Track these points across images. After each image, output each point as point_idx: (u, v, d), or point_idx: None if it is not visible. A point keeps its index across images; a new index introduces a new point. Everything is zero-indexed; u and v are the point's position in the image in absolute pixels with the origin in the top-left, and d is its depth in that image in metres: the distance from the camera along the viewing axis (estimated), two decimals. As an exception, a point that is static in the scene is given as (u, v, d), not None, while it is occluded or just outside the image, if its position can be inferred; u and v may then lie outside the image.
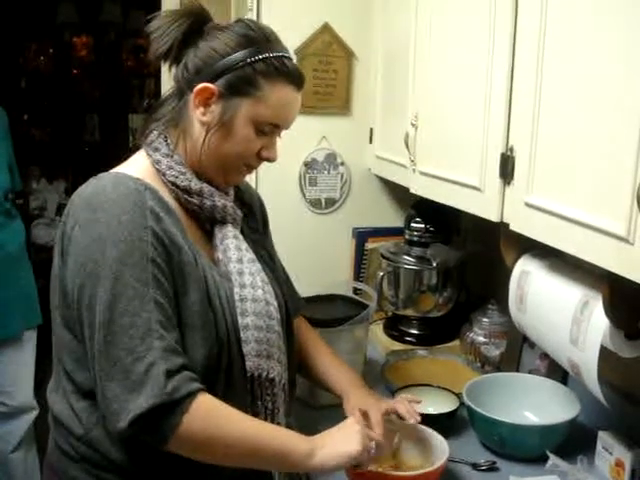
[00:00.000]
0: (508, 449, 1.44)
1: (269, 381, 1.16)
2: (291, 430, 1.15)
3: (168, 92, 1.21)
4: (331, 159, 2.17)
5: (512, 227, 1.31)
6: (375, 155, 2.12)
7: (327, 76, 2.11)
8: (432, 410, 1.48)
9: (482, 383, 1.59)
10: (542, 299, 1.40)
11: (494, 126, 1.34)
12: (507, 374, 1.68)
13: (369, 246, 2.21)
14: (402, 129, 1.80)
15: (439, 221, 2.00)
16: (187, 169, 1.16)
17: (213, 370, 1.09)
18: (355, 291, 1.95)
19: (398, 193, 2.19)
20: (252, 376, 1.14)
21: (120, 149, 5.22)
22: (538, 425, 1.49)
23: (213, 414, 1.03)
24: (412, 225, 2.01)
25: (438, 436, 1.34)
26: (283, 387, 1.20)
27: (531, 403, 1.55)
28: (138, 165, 1.17)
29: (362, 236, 2.22)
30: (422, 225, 1.99)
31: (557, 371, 1.61)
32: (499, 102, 1.32)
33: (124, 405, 0.97)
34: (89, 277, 1.02)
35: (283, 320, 1.24)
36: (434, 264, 1.94)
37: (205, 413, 1.01)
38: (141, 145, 1.19)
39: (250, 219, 1.34)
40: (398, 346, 1.99)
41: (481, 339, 1.84)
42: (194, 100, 1.13)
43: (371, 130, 2.15)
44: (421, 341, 2.00)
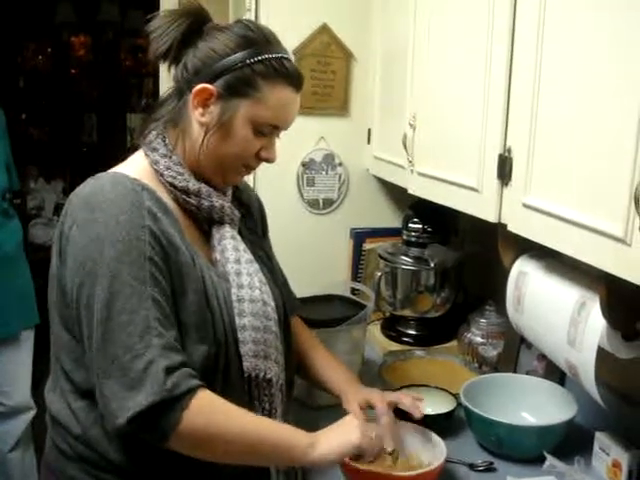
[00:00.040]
0: (505, 450, 1.44)
1: (266, 382, 1.16)
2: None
3: (167, 92, 1.21)
4: (329, 159, 2.17)
5: (510, 228, 1.32)
6: (373, 156, 2.12)
7: (325, 77, 2.10)
8: (430, 410, 1.48)
9: (479, 384, 1.59)
10: (539, 300, 1.40)
11: (492, 127, 1.35)
12: (504, 375, 1.68)
13: (367, 246, 2.21)
14: (400, 130, 1.80)
15: (437, 222, 2.00)
16: (185, 169, 1.16)
17: (210, 370, 1.09)
18: (353, 291, 1.95)
19: (396, 194, 2.19)
20: (249, 377, 1.14)
21: (118, 149, 5.24)
22: (535, 426, 1.49)
23: (213, 410, 1.03)
24: (410, 226, 2.01)
25: (435, 436, 1.34)
26: (280, 387, 1.20)
27: (528, 404, 1.55)
28: (136, 165, 1.17)
29: (360, 236, 2.22)
30: (420, 226, 1.99)
31: (554, 372, 1.61)
32: (497, 103, 1.32)
33: (123, 403, 0.97)
34: (87, 276, 1.02)
35: (281, 321, 1.24)
36: (432, 265, 1.94)
37: (205, 409, 1.01)
38: (140, 145, 1.19)
39: (248, 220, 1.34)
40: (396, 346, 1.99)
41: (479, 340, 1.84)
42: (193, 101, 1.13)
43: (369, 131, 2.15)
44: (419, 341, 2.00)
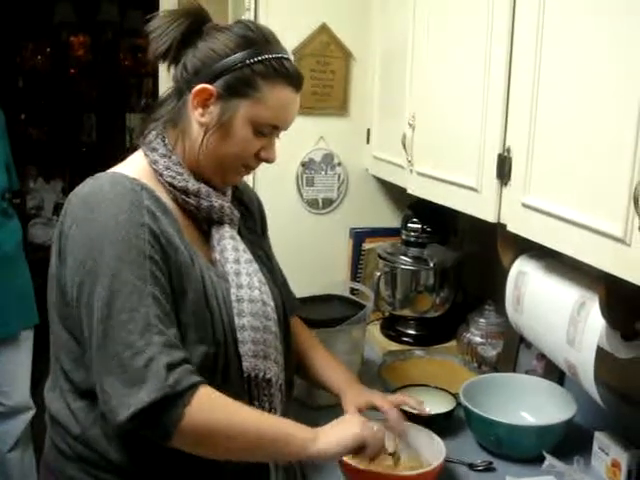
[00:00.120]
0: (505, 449, 1.44)
1: (266, 382, 1.16)
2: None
3: (167, 92, 1.21)
4: (328, 159, 2.17)
5: (509, 228, 1.32)
6: (372, 155, 2.12)
7: (325, 77, 2.10)
8: (429, 410, 1.48)
9: (479, 383, 1.59)
10: (539, 300, 1.40)
11: (491, 127, 1.35)
12: (504, 374, 1.68)
13: (366, 246, 2.21)
14: (399, 130, 1.80)
15: (436, 222, 2.00)
16: (184, 170, 1.16)
17: (210, 370, 1.09)
18: (352, 291, 1.95)
19: (395, 194, 2.19)
20: (249, 377, 1.14)
21: (117, 149, 5.25)
22: (535, 425, 1.49)
23: (214, 406, 1.03)
24: (409, 225, 2.01)
25: (435, 436, 1.34)
26: (280, 387, 1.20)
27: (528, 403, 1.55)
28: (135, 165, 1.17)
29: (359, 236, 2.22)
30: (419, 225, 1.99)
31: (554, 371, 1.61)
32: (496, 103, 1.32)
33: (124, 400, 0.96)
34: (87, 275, 1.02)
35: (280, 321, 1.23)
36: (431, 264, 1.94)
37: (206, 405, 1.01)
38: (139, 145, 1.19)
39: (248, 220, 1.33)
40: (395, 346, 1.99)
41: (478, 339, 1.84)
42: (193, 101, 1.13)
43: (368, 130, 2.14)
44: (418, 341, 2.00)
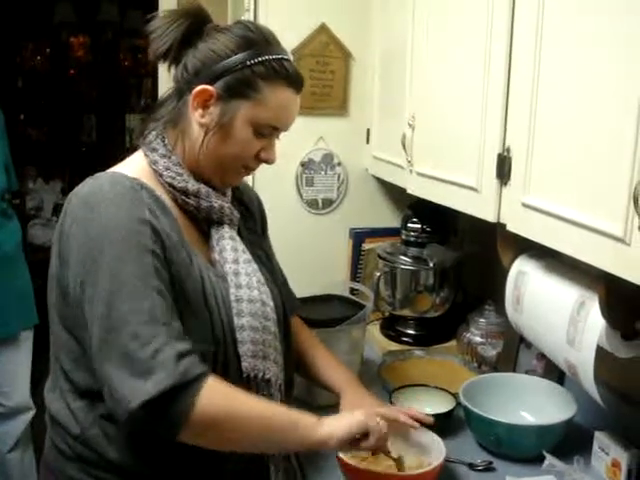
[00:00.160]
0: (505, 449, 1.44)
1: (265, 382, 1.16)
2: None
3: (167, 92, 1.21)
4: (328, 159, 2.17)
5: (509, 228, 1.32)
6: (372, 155, 2.12)
7: (324, 77, 2.10)
8: (429, 410, 1.48)
9: (479, 383, 1.59)
10: (539, 299, 1.40)
11: (491, 127, 1.35)
12: (504, 374, 1.68)
13: (366, 246, 2.21)
14: (399, 130, 1.80)
15: (436, 221, 2.00)
16: (184, 170, 1.16)
17: (209, 370, 1.09)
18: (352, 291, 1.95)
19: (395, 194, 2.19)
20: (248, 377, 1.14)
21: (117, 149, 5.25)
22: (535, 425, 1.49)
23: (222, 395, 1.03)
24: (409, 225, 2.01)
25: (435, 436, 1.34)
26: (279, 388, 1.19)
27: (528, 403, 1.55)
28: (135, 165, 1.16)
29: (359, 236, 2.22)
30: (419, 225, 1.99)
31: (554, 371, 1.61)
32: (496, 103, 1.32)
33: (134, 390, 0.95)
34: (90, 273, 1.01)
35: (280, 321, 1.23)
36: (431, 264, 1.94)
37: (216, 394, 1.01)
38: (139, 145, 1.19)
39: (248, 220, 1.33)
40: (395, 346, 1.99)
41: (478, 339, 1.84)
42: (193, 102, 1.13)
43: (368, 130, 2.15)
44: (418, 341, 2.00)
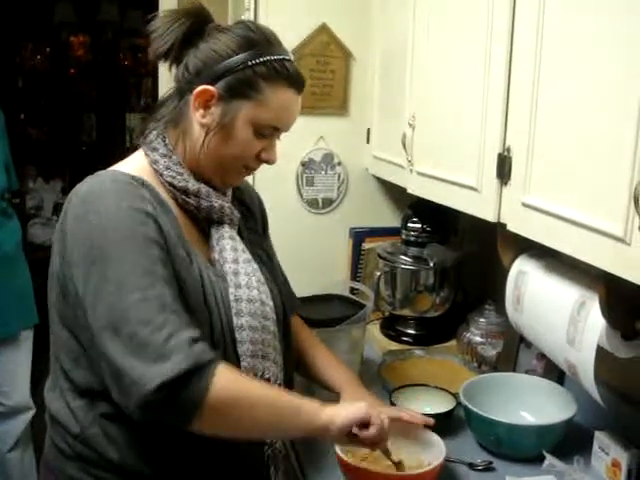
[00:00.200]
0: (505, 449, 1.44)
1: (264, 381, 1.15)
2: None
3: (168, 92, 1.21)
4: (328, 159, 2.17)
5: (509, 227, 1.32)
6: (372, 155, 2.12)
7: (324, 76, 2.10)
8: (429, 410, 1.48)
9: (479, 383, 1.59)
10: (539, 299, 1.40)
11: (491, 126, 1.35)
12: (504, 374, 1.68)
13: (366, 246, 2.21)
14: (399, 129, 1.80)
15: (436, 221, 2.00)
16: (185, 170, 1.16)
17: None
18: (352, 291, 1.95)
19: (395, 193, 2.19)
20: (248, 376, 1.14)
21: (117, 149, 5.25)
22: (535, 425, 1.49)
23: (234, 379, 1.03)
24: (409, 225, 2.01)
25: (435, 436, 1.34)
26: (279, 387, 1.20)
27: (528, 403, 1.55)
28: (135, 164, 1.16)
29: (359, 236, 2.22)
30: (419, 225, 1.99)
31: (554, 371, 1.61)
32: (496, 103, 1.32)
33: (148, 374, 0.93)
34: (95, 265, 1.00)
35: (279, 320, 1.23)
36: (431, 264, 1.94)
37: (228, 379, 1.01)
38: (139, 144, 1.19)
39: (249, 219, 1.33)
40: (395, 346, 1.99)
41: (478, 339, 1.84)
42: (194, 102, 1.13)
43: (368, 130, 2.14)
44: (418, 341, 2.00)
